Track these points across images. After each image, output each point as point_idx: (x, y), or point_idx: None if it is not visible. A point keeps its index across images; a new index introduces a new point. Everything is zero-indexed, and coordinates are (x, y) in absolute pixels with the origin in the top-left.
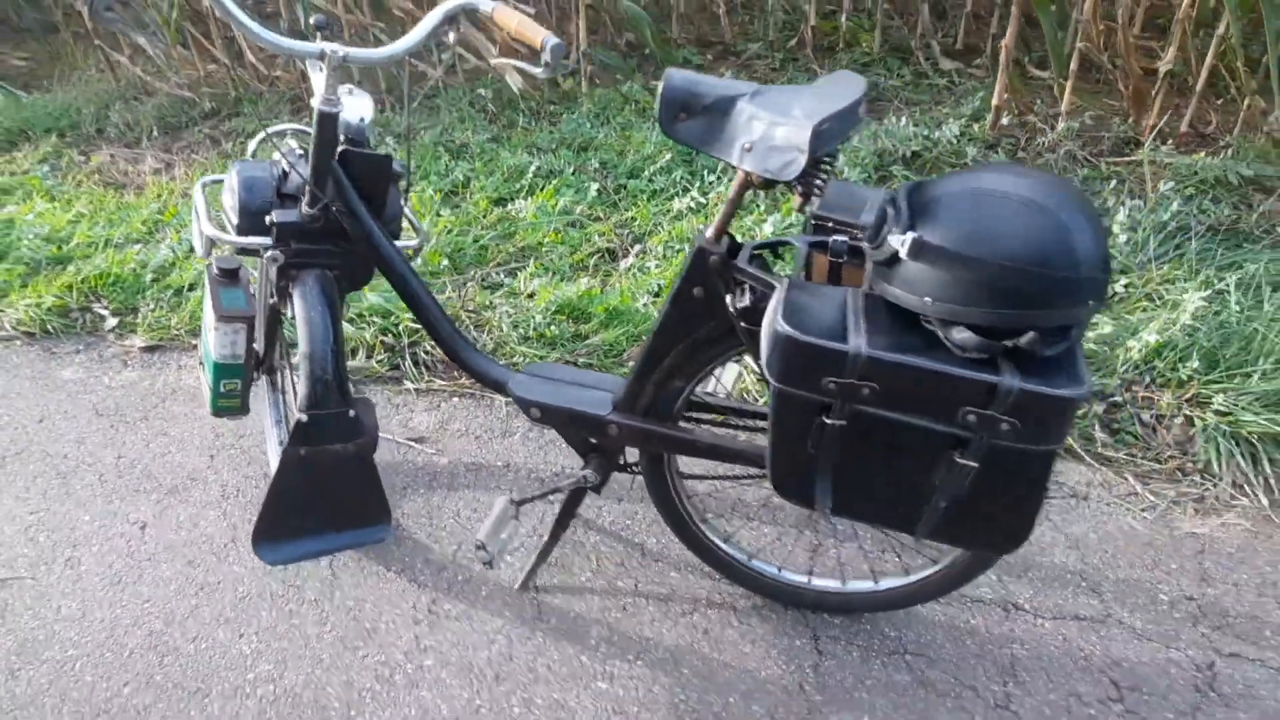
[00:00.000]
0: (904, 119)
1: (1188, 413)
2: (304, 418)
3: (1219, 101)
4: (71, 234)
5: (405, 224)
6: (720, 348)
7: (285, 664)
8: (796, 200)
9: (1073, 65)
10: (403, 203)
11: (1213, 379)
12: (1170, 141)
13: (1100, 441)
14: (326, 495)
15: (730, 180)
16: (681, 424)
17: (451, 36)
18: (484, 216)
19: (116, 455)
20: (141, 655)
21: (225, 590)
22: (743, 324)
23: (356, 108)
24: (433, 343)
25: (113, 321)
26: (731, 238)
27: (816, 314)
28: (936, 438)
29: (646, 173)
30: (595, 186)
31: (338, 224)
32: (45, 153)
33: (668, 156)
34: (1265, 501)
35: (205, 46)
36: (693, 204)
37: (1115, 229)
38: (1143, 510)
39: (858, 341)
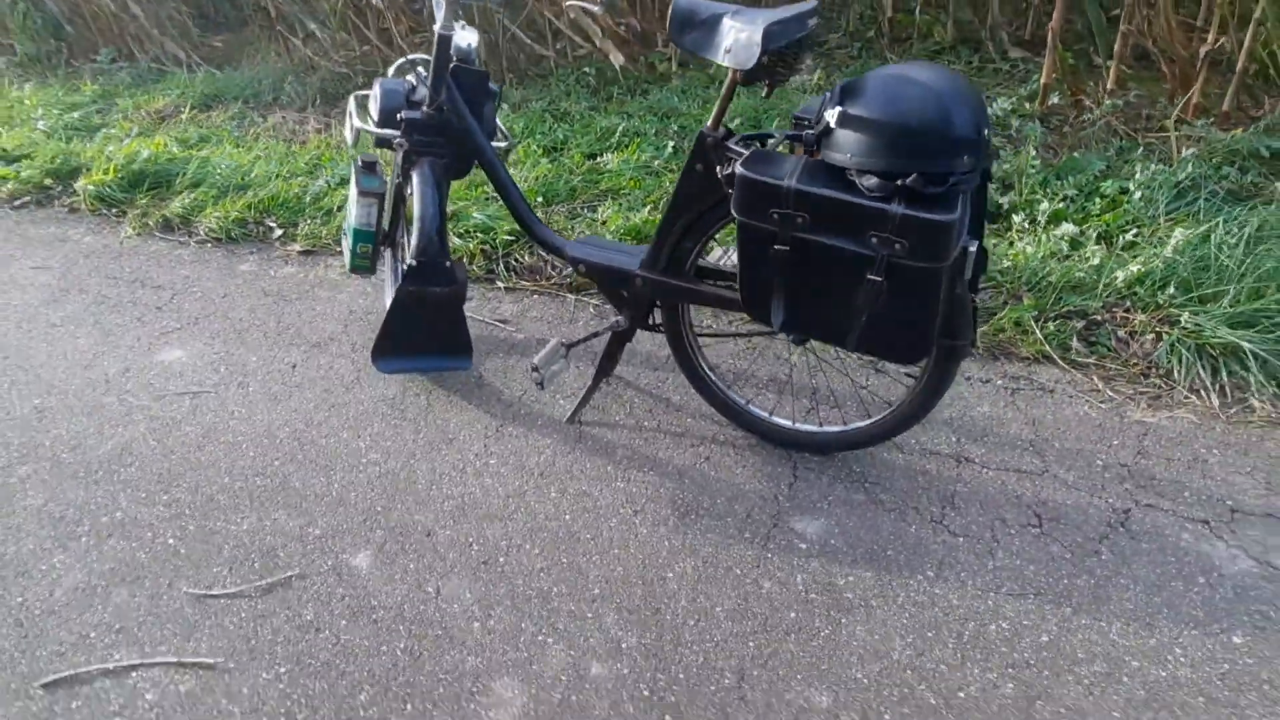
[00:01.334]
0: None
1: (1158, 330)
2: (414, 262)
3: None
4: (251, 169)
5: (499, 134)
6: (718, 212)
7: (389, 455)
8: (764, 90)
9: (1117, 47)
10: (496, 117)
11: (1184, 303)
12: (1212, 118)
13: (1076, 350)
14: (426, 326)
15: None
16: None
17: None
18: (577, 167)
19: (276, 321)
20: (288, 443)
21: (349, 409)
22: (728, 189)
23: (466, 37)
24: (523, 238)
25: (279, 232)
26: (728, 128)
27: (769, 166)
28: (854, 258)
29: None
30: (672, 145)
31: (448, 123)
32: (233, 114)
33: (737, 121)
34: (1216, 402)
35: (362, 31)
36: None
37: (1132, 187)
38: (1101, 402)
39: (790, 181)
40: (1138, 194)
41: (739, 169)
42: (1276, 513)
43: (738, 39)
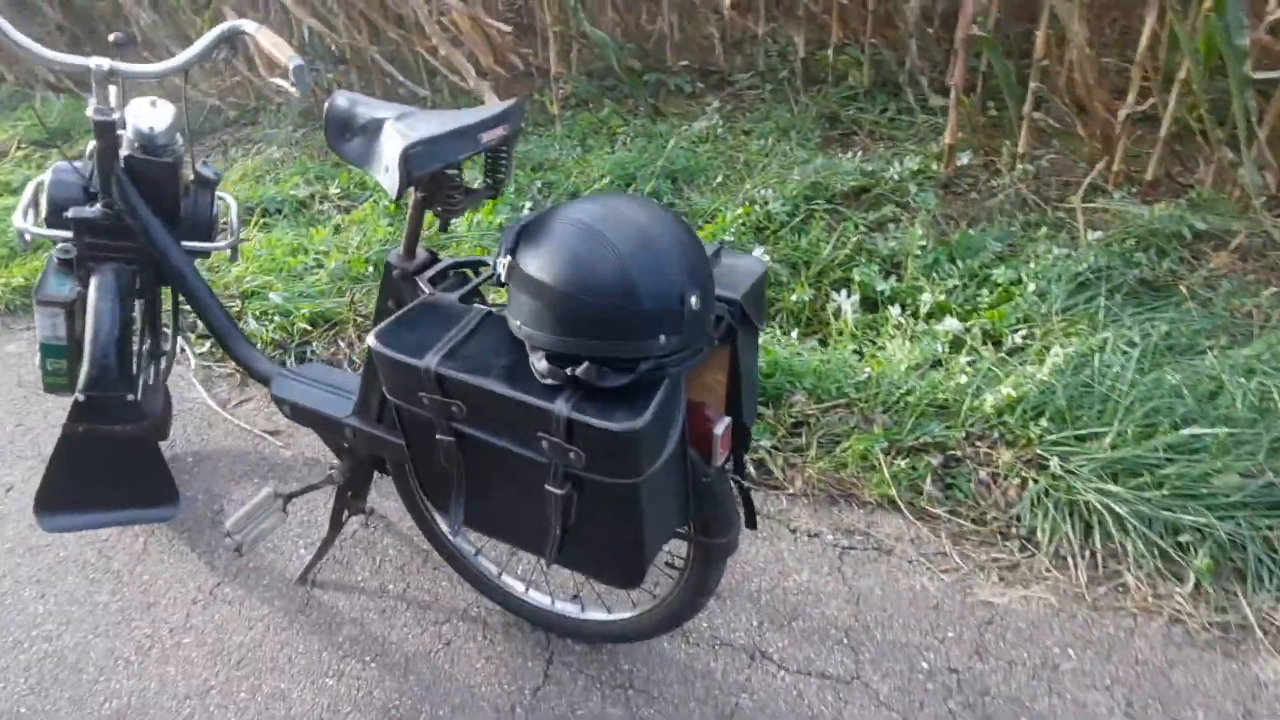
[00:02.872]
0: (857, 153)
1: (1024, 474)
2: (81, 397)
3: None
4: None
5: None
6: None
7: (68, 626)
8: (439, 221)
9: (1026, 107)
10: (219, 205)
11: (1058, 440)
12: (1136, 188)
13: (928, 495)
14: (106, 473)
15: None
16: None
17: (222, 54)
18: (426, 229)
19: (17, 423)
20: None
21: (49, 553)
22: None
23: (148, 119)
24: (325, 326)
25: None
26: (432, 252)
27: (425, 329)
28: (528, 463)
29: (584, 194)
30: (528, 205)
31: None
32: (81, 150)
33: (607, 179)
34: (1084, 578)
35: (232, 62)
36: None
37: (1024, 277)
38: (944, 572)
39: (431, 358)
40: (1031, 285)
41: (370, 339)
42: None
43: (390, 158)
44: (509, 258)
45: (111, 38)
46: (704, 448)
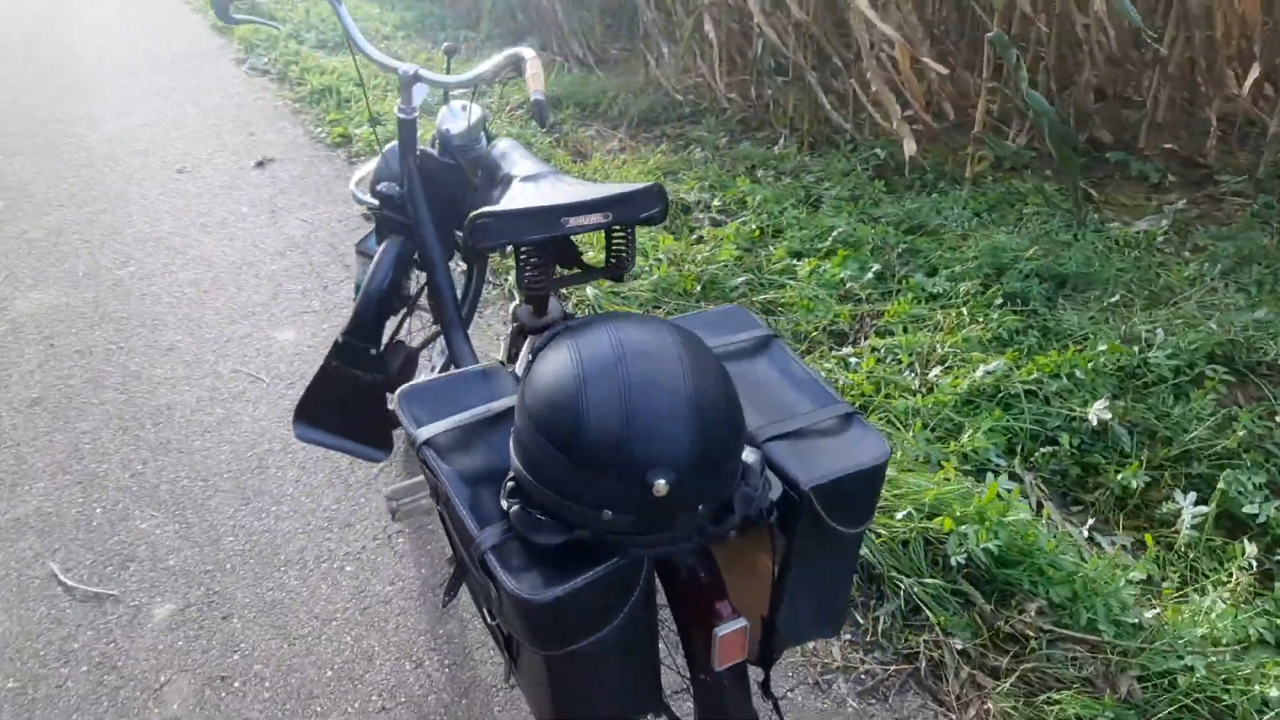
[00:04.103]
0: None
1: None
2: (340, 339)
3: None
4: None
5: None
6: None
7: (293, 515)
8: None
9: None
10: None
11: None
12: None
13: None
14: (346, 406)
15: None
16: None
17: (503, 76)
18: (772, 265)
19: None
20: (248, 458)
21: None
22: None
23: (452, 120)
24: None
25: None
26: (567, 315)
27: (457, 397)
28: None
29: (942, 275)
30: (877, 267)
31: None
32: (559, 119)
33: (973, 263)
34: None
35: (699, 58)
36: (947, 321)
37: None
38: None
39: (427, 430)
40: None
41: (398, 392)
42: None
43: None
44: (532, 358)
45: (444, 47)
46: (702, 643)
